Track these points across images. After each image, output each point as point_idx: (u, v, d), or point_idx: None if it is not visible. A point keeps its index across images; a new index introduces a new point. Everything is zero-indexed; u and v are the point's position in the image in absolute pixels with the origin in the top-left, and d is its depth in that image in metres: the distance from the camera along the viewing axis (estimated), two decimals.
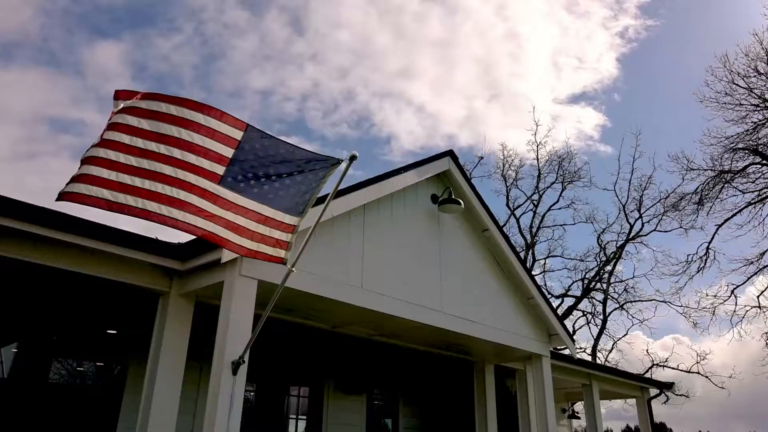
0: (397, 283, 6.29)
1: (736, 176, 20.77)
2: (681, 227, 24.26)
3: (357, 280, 5.84)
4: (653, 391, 13.29)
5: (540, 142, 28.51)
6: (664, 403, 24.16)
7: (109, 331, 7.11)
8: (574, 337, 27.39)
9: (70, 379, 6.96)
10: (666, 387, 13.40)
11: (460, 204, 6.96)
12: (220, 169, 3.81)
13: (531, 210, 28.77)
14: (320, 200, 4.73)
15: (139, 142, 3.65)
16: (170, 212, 3.75)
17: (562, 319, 8.43)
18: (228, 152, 3.84)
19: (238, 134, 3.86)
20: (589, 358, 25.11)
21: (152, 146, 3.69)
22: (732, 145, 20.26)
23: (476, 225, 7.68)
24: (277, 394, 8.61)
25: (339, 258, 5.76)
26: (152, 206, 3.68)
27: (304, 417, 8.79)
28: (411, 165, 6.69)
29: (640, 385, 12.86)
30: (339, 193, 5.51)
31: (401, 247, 6.54)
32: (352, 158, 4.06)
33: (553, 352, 9.66)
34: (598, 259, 27.10)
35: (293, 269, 4.32)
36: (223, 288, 4.87)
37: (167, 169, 3.71)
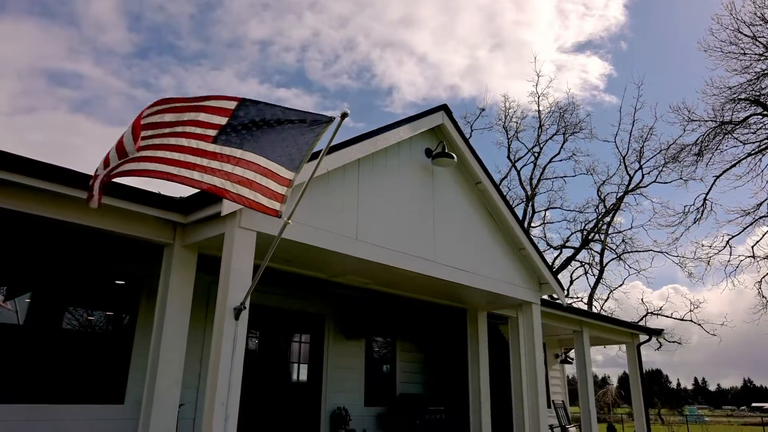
0: (390, 234, 6.55)
1: (737, 127, 20.78)
2: (681, 178, 24.46)
3: (351, 231, 6.10)
4: (644, 338, 13.76)
5: (541, 93, 28.39)
6: (657, 349, 24.99)
7: (117, 282, 7.44)
8: (572, 287, 28.02)
9: (82, 328, 7.32)
10: (655, 333, 13.89)
11: (452, 158, 7.15)
12: (212, 132, 4.10)
13: (532, 162, 28.91)
14: (314, 156, 4.94)
15: (161, 127, 4.18)
16: (179, 171, 4.11)
17: (552, 268, 8.76)
18: (221, 120, 4.17)
19: (232, 104, 4.17)
20: (586, 307, 25.75)
21: (167, 129, 4.12)
22: (734, 96, 20.19)
23: (469, 178, 7.89)
24: (280, 341, 9.03)
25: (334, 210, 6.00)
26: (162, 167, 4.07)
27: (306, 363, 9.25)
28: (405, 120, 6.84)
29: (630, 332, 13.34)
30: (333, 149, 5.73)
31: (395, 199, 6.77)
32: (344, 115, 4.24)
33: (546, 300, 10.06)
34: (598, 211, 27.43)
35: (289, 221, 4.57)
36: (224, 239, 5.15)
37: (174, 140, 4.09)
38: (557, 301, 10.26)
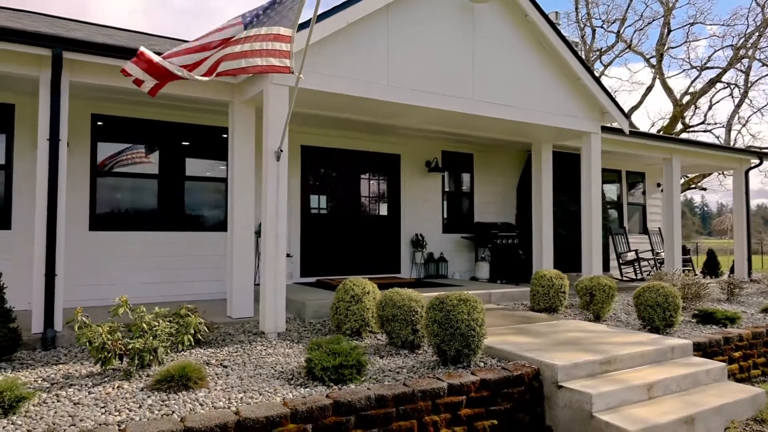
0: (424, 76, 7.01)
1: None
2: None
3: (382, 77, 6.69)
4: (754, 162, 12.86)
5: None
6: None
7: (223, 136, 8.93)
8: (711, 112, 25.44)
9: (201, 174, 9.05)
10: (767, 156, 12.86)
11: None
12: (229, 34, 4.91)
13: None
14: (320, 18, 5.57)
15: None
16: (200, 69, 4.97)
17: (612, 96, 8.57)
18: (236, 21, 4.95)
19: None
20: (724, 134, 23.67)
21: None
22: None
23: (517, 12, 7.78)
24: (360, 180, 10.22)
25: (362, 60, 6.58)
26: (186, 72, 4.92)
27: (386, 198, 10.43)
28: None
29: (737, 157, 12.55)
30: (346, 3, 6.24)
31: (430, 42, 7.09)
32: None
33: (632, 131, 9.93)
34: (747, 23, 23.71)
35: (301, 76, 5.39)
36: (263, 95, 6.11)
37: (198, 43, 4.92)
38: (639, 131, 10.06)
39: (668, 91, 25.78)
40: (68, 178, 7.44)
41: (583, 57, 27.50)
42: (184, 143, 8.50)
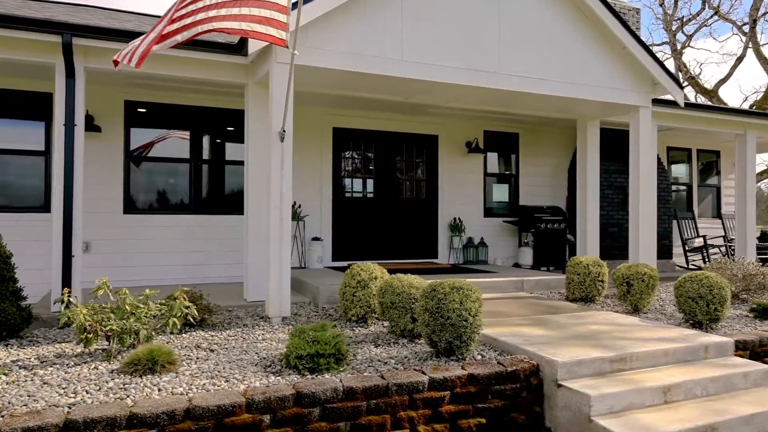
0: (442, 50, 6.59)
1: None
2: None
3: (396, 53, 6.35)
4: None
5: None
6: None
7: None
8: None
9: (232, 157, 9.13)
10: None
11: None
12: None
13: None
14: None
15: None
16: (207, 26, 4.81)
17: (664, 64, 7.70)
18: None
19: None
20: None
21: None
22: None
23: None
24: (397, 162, 9.92)
25: (375, 35, 6.26)
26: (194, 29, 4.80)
27: (423, 179, 10.08)
28: None
29: None
30: None
31: (448, 10, 6.64)
32: None
33: (693, 104, 9.00)
34: None
35: (295, 52, 5.17)
36: (269, 75, 5.97)
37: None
38: (696, 103, 9.07)
39: (763, 60, 23.35)
40: (102, 163, 7.77)
41: (663, 27, 25.47)
42: (214, 128, 8.57)
